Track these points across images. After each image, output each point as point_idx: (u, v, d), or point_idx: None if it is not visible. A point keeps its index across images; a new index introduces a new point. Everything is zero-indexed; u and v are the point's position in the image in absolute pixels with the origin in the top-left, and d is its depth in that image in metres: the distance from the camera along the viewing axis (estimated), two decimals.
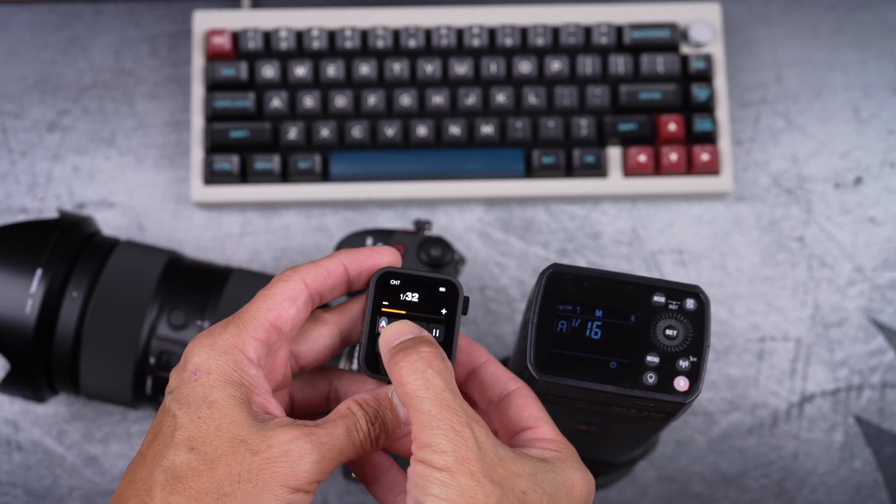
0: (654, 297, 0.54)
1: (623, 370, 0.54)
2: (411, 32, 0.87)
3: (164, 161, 0.88)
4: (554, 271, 0.55)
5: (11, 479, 0.81)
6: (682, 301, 0.54)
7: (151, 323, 0.73)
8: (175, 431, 0.51)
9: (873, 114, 0.90)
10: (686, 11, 0.88)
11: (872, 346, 0.85)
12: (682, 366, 0.54)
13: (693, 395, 0.54)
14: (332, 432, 0.51)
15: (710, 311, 0.55)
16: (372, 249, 0.57)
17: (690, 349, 0.54)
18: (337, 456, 0.51)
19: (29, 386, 0.74)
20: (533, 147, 0.86)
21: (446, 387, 0.49)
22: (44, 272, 0.72)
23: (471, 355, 0.58)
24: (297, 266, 0.56)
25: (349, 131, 0.86)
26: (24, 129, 0.88)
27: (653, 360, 0.54)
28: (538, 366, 0.54)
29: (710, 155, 0.86)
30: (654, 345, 0.54)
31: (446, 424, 0.48)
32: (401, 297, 0.55)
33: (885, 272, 0.87)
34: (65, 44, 0.90)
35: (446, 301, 0.55)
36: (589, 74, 0.87)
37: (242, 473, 0.49)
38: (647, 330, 0.54)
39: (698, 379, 0.54)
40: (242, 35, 0.87)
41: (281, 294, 0.54)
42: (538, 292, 0.55)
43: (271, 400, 0.53)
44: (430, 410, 0.49)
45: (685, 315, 0.54)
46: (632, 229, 0.87)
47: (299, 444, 0.50)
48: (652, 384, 0.53)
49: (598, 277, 0.55)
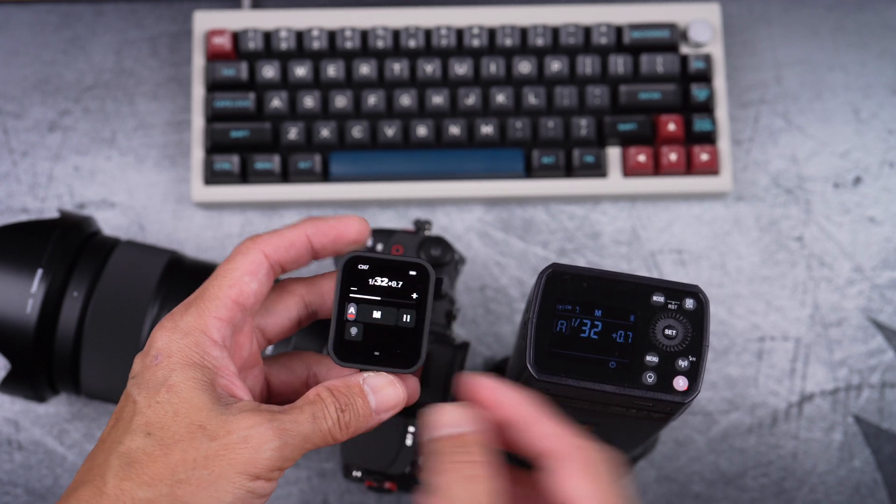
0: (654, 297, 0.54)
1: (622, 370, 0.54)
2: (411, 32, 0.87)
3: (165, 161, 0.88)
4: (553, 271, 0.55)
5: (12, 479, 0.82)
6: (681, 301, 0.55)
7: (152, 322, 0.73)
8: (134, 417, 0.50)
9: (873, 114, 0.90)
10: (685, 11, 0.89)
11: (872, 345, 0.85)
12: (682, 365, 0.54)
13: (692, 394, 0.54)
14: (296, 418, 0.50)
15: (710, 311, 0.55)
16: (337, 219, 0.56)
17: (689, 349, 0.54)
18: (301, 443, 0.50)
19: (30, 385, 0.74)
20: (533, 147, 0.86)
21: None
22: (44, 272, 0.72)
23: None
24: (257, 236, 0.54)
25: (349, 131, 0.86)
26: (25, 130, 0.88)
27: (652, 359, 0.54)
28: (538, 366, 0.54)
29: (709, 155, 0.86)
30: (654, 344, 0.54)
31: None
32: (370, 282, 0.54)
33: (884, 272, 0.87)
34: (65, 44, 0.90)
35: (417, 285, 0.54)
36: (588, 74, 0.87)
37: (198, 459, 0.48)
38: (647, 329, 0.54)
39: (697, 378, 0.54)
40: (243, 35, 0.87)
41: (241, 268, 0.53)
42: (537, 292, 0.55)
43: (237, 382, 0.52)
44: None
45: (684, 315, 0.54)
46: (631, 229, 0.87)
47: (260, 431, 0.49)
48: (651, 384, 0.54)
49: (597, 277, 0.55)
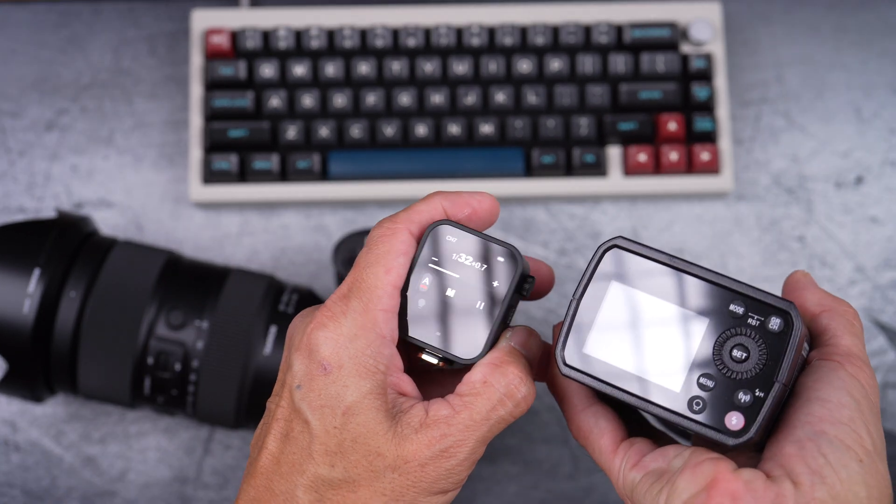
0: (732, 306, 0.45)
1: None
2: (410, 31, 0.87)
3: (163, 160, 0.88)
4: (615, 244, 0.47)
5: (9, 480, 0.81)
6: (765, 318, 0.45)
7: (150, 323, 0.73)
8: (311, 443, 0.48)
9: (874, 113, 0.90)
10: (686, 10, 0.88)
11: (874, 346, 0.85)
12: (742, 399, 0.44)
13: (744, 436, 0.44)
14: (470, 417, 0.48)
15: (799, 339, 0.44)
16: (470, 194, 0.52)
17: (758, 380, 0.44)
18: (483, 439, 0.48)
19: (27, 386, 0.74)
20: (532, 146, 0.86)
21: None
22: (42, 272, 0.72)
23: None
24: (395, 215, 0.51)
25: (348, 130, 0.85)
26: (23, 129, 0.88)
27: (707, 382, 0.45)
28: (567, 357, 0.46)
29: (710, 154, 0.85)
30: (715, 363, 0.45)
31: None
32: (453, 256, 0.50)
33: (886, 272, 0.86)
34: (63, 43, 0.90)
35: (501, 272, 0.49)
36: (589, 73, 0.87)
37: (386, 492, 0.48)
38: (712, 342, 0.45)
39: (756, 420, 0.44)
40: (241, 34, 0.87)
41: (393, 250, 0.50)
42: (591, 267, 0.47)
43: (403, 376, 0.50)
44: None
45: (763, 336, 0.44)
46: (632, 229, 0.87)
47: (435, 451, 0.48)
48: (698, 409, 0.45)
49: (668, 264, 0.46)
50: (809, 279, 0.51)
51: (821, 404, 0.45)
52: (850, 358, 0.47)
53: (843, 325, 0.48)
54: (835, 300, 0.50)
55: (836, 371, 0.46)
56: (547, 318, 0.85)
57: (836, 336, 0.48)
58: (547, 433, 0.82)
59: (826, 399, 0.45)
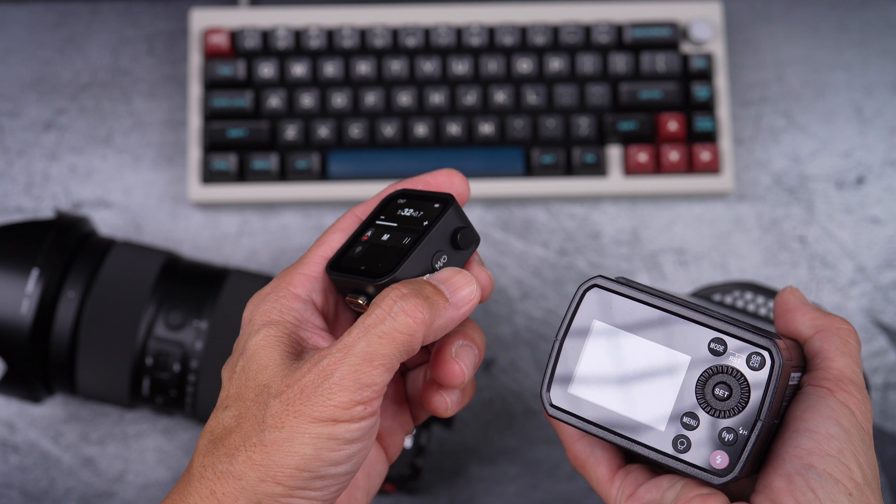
0: (713, 344, 0.45)
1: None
2: (410, 31, 0.87)
3: (162, 160, 0.88)
4: (595, 283, 0.46)
5: (7, 481, 0.81)
6: (746, 355, 0.44)
7: (148, 323, 0.73)
8: (220, 395, 0.50)
9: (875, 113, 0.89)
10: (687, 10, 0.88)
11: (874, 346, 0.85)
12: (726, 438, 0.44)
13: (728, 475, 0.44)
14: (353, 338, 0.47)
15: (781, 377, 0.44)
16: (430, 175, 0.53)
17: (741, 418, 0.44)
18: (369, 360, 0.47)
19: (25, 386, 0.74)
20: (532, 146, 0.86)
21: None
22: (40, 272, 0.72)
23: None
24: (355, 206, 0.55)
25: (348, 130, 0.85)
26: (21, 129, 0.88)
27: (690, 421, 0.44)
28: (554, 398, 0.46)
29: (710, 154, 0.85)
30: (698, 402, 0.44)
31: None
32: (399, 212, 0.52)
33: (887, 272, 0.86)
34: (61, 42, 0.90)
35: (433, 214, 0.50)
36: (589, 73, 0.87)
37: (268, 420, 0.47)
38: (694, 381, 0.44)
39: (741, 458, 0.44)
40: (240, 34, 0.86)
41: (333, 228, 0.53)
42: (572, 308, 0.47)
43: (324, 334, 0.51)
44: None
45: (745, 373, 0.44)
46: (632, 229, 0.87)
47: (314, 374, 0.47)
48: (683, 449, 0.44)
49: (648, 303, 0.45)
50: (799, 297, 0.51)
51: (809, 436, 0.45)
52: (840, 383, 0.47)
53: (836, 346, 0.48)
54: (828, 318, 0.50)
55: (825, 399, 0.46)
56: (547, 319, 0.84)
57: (828, 359, 0.48)
58: (547, 434, 0.82)
59: (814, 430, 0.45)
